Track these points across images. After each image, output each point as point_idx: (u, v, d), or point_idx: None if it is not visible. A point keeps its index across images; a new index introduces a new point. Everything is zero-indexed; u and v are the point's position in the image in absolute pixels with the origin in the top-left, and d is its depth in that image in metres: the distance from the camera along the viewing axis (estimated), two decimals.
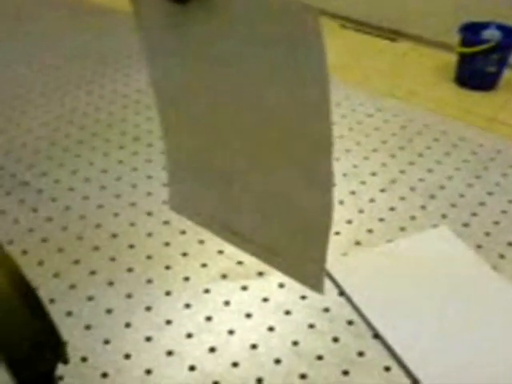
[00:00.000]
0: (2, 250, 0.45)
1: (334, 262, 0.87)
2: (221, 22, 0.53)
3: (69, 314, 0.81)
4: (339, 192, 1.00)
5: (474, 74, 2.61)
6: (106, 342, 0.78)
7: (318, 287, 0.62)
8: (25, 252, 0.91)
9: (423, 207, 0.97)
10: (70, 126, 1.22)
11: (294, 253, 0.62)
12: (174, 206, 0.74)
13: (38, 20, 1.72)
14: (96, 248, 0.92)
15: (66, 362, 0.52)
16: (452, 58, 2.87)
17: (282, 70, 0.51)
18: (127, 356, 0.76)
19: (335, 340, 0.77)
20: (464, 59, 2.62)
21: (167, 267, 0.88)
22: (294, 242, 0.61)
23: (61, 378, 0.72)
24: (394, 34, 3.54)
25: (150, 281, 0.86)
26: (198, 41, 0.57)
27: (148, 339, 0.78)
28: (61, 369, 0.54)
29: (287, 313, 0.81)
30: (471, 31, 2.57)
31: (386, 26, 3.58)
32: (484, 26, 2.55)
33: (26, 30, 1.65)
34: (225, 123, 0.60)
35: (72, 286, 0.85)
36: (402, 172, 1.05)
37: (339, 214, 0.96)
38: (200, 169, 0.67)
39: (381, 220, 0.95)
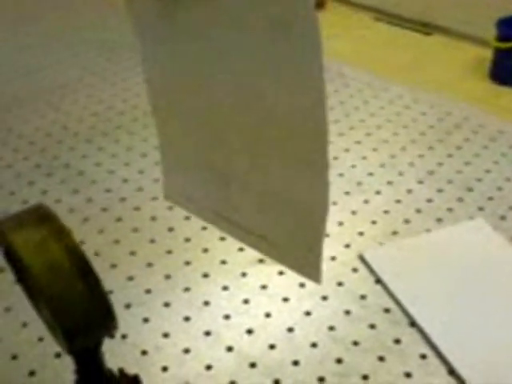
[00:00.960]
0: (61, 225, 0.46)
1: (370, 250, 0.87)
2: (214, 11, 0.52)
3: (110, 292, 0.83)
4: (376, 182, 1.01)
5: (509, 70, 2.58)
6: (146, 320, 0.80)
7: (315, 276, 0.62)
8: None
9: (460, 199, 0.97)
10: (109, 110, 1.24)
11: (290, 242, 0.62)
12: (168, 195, 0.74)
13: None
14: (135, 230, 0.93)
15: (112, 336, 0.53)
16: (486, 53, 2.86)
17: (276, 60, 0.50)
18: (166, 335, 0.78)
19: (371, 327, 0.78)
20: (499, 55, 2.60)
21: (205, 250, 0.89)
22: (289, 231, 0.61)
23: None
24: (427, 28, 3.52)
25: (188, 263, 0.88)
26: (191, 31, 0.56)
27: (186, 319, 0.80)
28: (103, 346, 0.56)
29: (324, 298, 0.82)
30: (508, 26, 2.54)
31: (419, 19, 3.56)
32: None
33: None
34: (218, 114, 0.60)
35: (113, 266, 0.87)
36: (440, 164, 1.05)
37: (376, 204, 0.96)
38: (194, 159, 0.67)
39: (418, 211, 0.95)
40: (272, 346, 0.76)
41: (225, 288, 0.84)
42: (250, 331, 0.78)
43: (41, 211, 0.47)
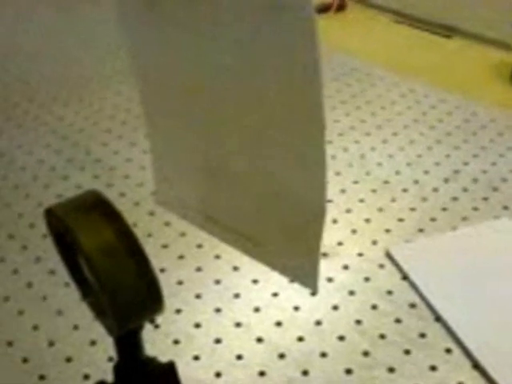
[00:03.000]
0: (113, 209, 0.48)
1: (397, 247, 0.89)
2: (204, 5, 0.51)
3: None
4: (403, 181, 1.03)
5: None
6: (178, 311, 0.82)
7: (311, 284, 0.59)
8: None
9: (485, 199, 0.99)
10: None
11: (287, 249, 0.59)
12: (159, 200, 0.74)
13: None
14: (167, 223, 0.96)
15: (152, 321, 0.55)
16: (508, 57, 2.85)
17: (269, 54, 0.48)
18: (197, 325, 0.80)
19: (397, 321, 0.80)
20: None
21: None
22: (286, 237, 0.59)
23: None
24: (448, 31, 3.52)
25: (218, 256, 0.90)
26: (179, 23, 0.54)
27: (217, 310, 0.82)
28: None
29: (351, 293, 0.84)
30: None
31: (440, 22, 3.56)
32: None
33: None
34: (213, 112, 0.57)
35: None
36: (466, 164, 1.06)
37: (403, 202, 0.98)
38: (188, 160, 0.65)
39: (444, 209, 0.97)
40: (300, 338, 0.78)
41: (254, 281, 0.86)
42: (279, 323, 0.80)
43: (94, 196, 0.49)
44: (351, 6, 3.85)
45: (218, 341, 0.78)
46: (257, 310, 0.82)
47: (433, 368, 0.74)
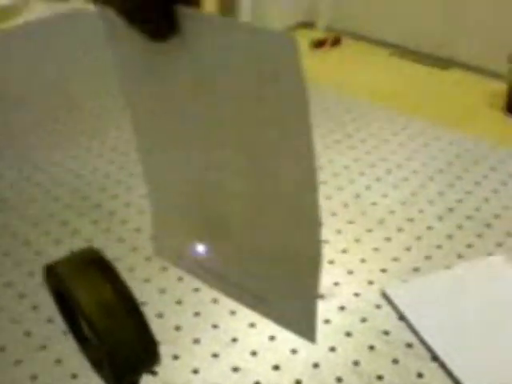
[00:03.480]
0: (111, 267, 0.50)
1: (393, 287, 0.90)
2: (200, 61, 0.51)
3: None
4: (398, 220, 1.04)
5: None
6: (175, 357, 0.82)
7: (310, 336, 0.61)
8: None
9: (480, 235, 1.00)
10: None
11: (285, 300, 0.60)
12: (158, 251, 0.74)
13: None
14: (164, 268, 0.97)
15: (152, 372, 0.56)
16: (503, 87, 2.88)
17: (260, 109, 0.49)
18: (195, 371, 0.80)
19: (395, 361, 0.80)
20: None
21: None
22: (284, 288, 0.59)
23: None
24: (444, 63, 3.57)
25: (215, 300, 0.90)
26: (176, 81, 0.55)
27: (215, 355, 0.82)
28: None
29: (348, 334, 0.84)
30: None
31: (436, 54, 3.60)
32: None
33: None
34: (207, 161, 0.58)
35: (142, 304, 0.90)
36: (459, 201, 1.08)
37: (398, 241, 0.99)
38: (186, 212, 0.65)
39: (438, 247, 0.98)
40: (298, 382, 0.78)
41: (251, 325, 0.86)
42: (276, 367, 0.80)
43: (91, 254, 0.50)
44: (346, 40, 3.89)
45: None
46: (254, 353, 0.82)
47: None
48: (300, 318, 0.61)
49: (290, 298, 0.60)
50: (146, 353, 0.48)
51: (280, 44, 0.43)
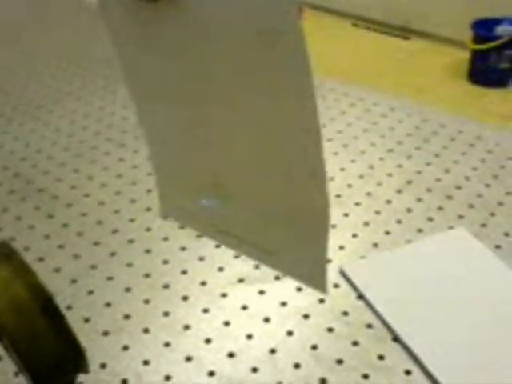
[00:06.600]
0: (21, 260, 0.45)
1: (352, 264, 0.86)
2: (193, 21, 0.51)
3: (86, 320, 0.81)
4: (355, 194, 1.00)
5: (487, 71, 2.60)
6: (125, 348, 0.78)
7: (321, 286, 0.61)
8: (41, 259, 0.91)
9: (440, 208, 0.96)
10: (84, 131, 1.22)
11: (294, 252, 0.61)
12: (164, 212, 0.73)
13: None
14: (113, 254, 0.92)
15: (86, 371, 0.52)
16: (465, 55, 2.87)
17: (259, 74, 0.49)
18: (146, 362, 0.76)
19: (354, 344, 0.77)
20: (477, 56, 2.61)
21: (183, 272, 0.88)
22: (292, 240, 0.60)
23: None
24: (406, 32, 3.53)
25: (166, 286, 0.86)
26: (173, 44, 0.54)
27: (167, 345, 0.78)
28: (81, 376, 0.54)
29: (305, 317, 0.80)
30: (484, 27, 2.56)
31: (397, 24, 3.57)
32: (497, 21, 2.54)
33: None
34: (207, 126, 0.58)
35: (90, 292, 0.85)
36: (419, 173, 1.04)
37: (356, 216, 0.95)
38: (185, 169, 0.66)
39: (398, 222, 0.94)
40: (254, 369, 0.74)
41: (205, 311, 0.82)
42: (231, 354, 0.76)
43: (2, 249, 0.46)
44: (308, 10, 3.84)
45: (167, 377, 0.74)
46: (208, 341, 0.78)
47: None
48: (310, 269, 0.60)
49: (299, 250, 0.60)
50: (68, 356, 0.43)
51: (280, 3, 0.43)
